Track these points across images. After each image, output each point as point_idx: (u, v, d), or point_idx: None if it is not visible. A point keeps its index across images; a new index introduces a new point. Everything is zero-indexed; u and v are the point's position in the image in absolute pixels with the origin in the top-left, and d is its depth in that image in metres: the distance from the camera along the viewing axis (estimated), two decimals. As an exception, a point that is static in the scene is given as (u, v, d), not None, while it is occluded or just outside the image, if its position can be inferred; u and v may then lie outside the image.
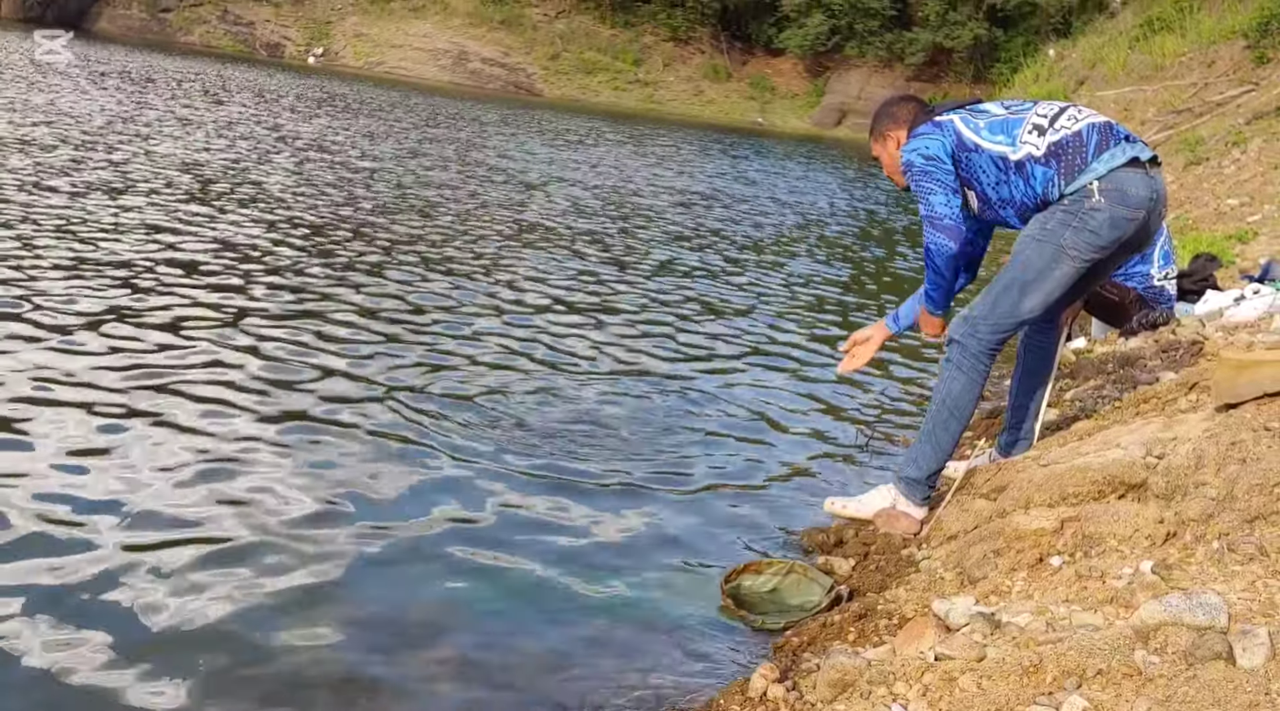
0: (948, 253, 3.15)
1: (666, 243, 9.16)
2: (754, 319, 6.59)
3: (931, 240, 3.16)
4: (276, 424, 3.70)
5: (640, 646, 2.58)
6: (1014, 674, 1.86)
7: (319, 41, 43.31)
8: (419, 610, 2.64)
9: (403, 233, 7.77)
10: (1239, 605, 1.91)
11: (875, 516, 3.24)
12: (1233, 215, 8.67)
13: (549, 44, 44.80)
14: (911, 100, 3.38)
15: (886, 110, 3.37)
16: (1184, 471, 2.51)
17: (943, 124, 3.17)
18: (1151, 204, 3.00)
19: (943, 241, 3.13)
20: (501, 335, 5.28)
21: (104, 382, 3.85)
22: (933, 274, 3.23)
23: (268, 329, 4.81)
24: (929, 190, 3.13)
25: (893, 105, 3.37)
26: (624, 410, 4.39)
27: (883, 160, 3.37)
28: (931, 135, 3.15)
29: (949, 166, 3.12)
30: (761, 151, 25.19)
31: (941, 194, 3.11)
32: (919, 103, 3.36)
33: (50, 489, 2.98)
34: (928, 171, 3.13)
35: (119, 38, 37.02)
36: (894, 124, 3.31)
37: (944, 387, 3.14)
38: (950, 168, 3.12)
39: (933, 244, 3.16)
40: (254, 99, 18.75)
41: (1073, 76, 23.96)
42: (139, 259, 5.77)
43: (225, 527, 2.90)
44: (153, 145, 10.51)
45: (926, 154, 3.13)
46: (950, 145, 3.13)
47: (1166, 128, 14.49)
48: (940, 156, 3.12)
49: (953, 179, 3.13)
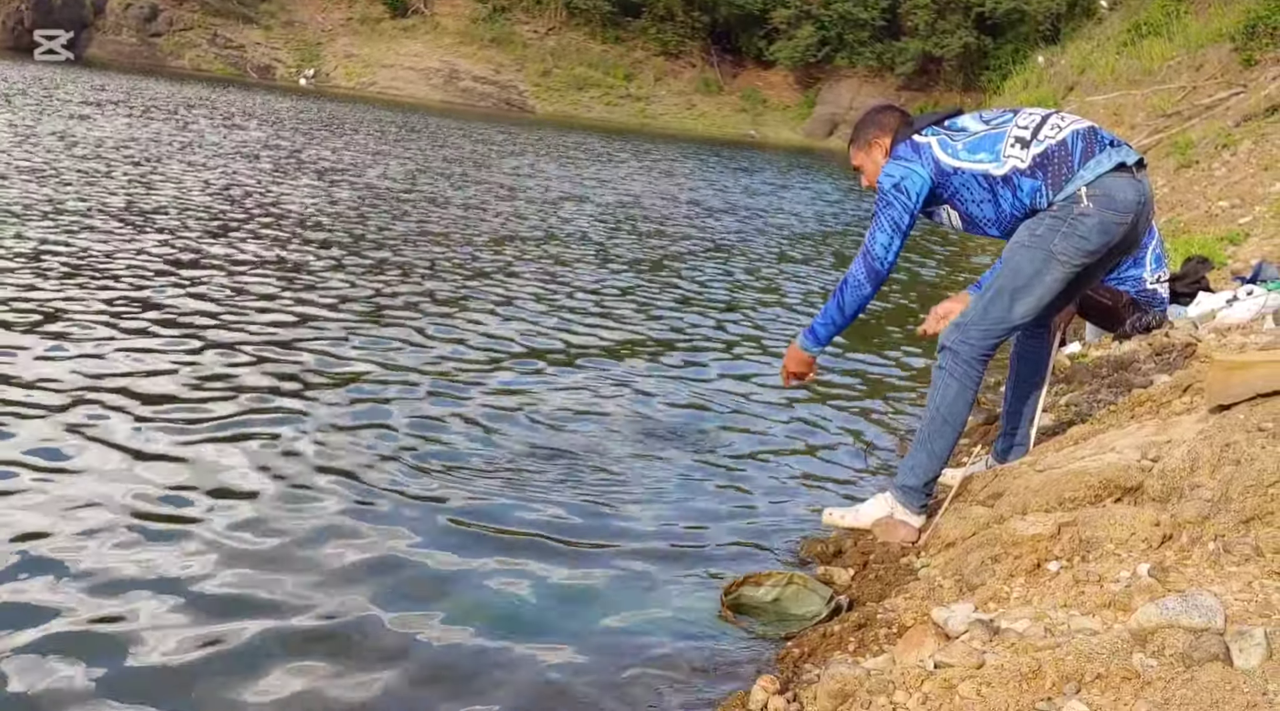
0: (862, 293, 3.17)
1: (696, 254, 9.19)
2: (749, 329, 6.60)
3: (854, 272, 3.16)
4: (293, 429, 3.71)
5: (640, 659, 2.57)
6: (1013, 680, 1.86)
7: (310, 63, 43.43)
8: (414, 625, 2.63)
9: (438, 252, 7.79)
10: (1236, 606, 1.92)
11: (873, 525, 3.24)
12: (1224, 217, 8.70)
13: (540, 61, 44.97)
14: (896, 110, 3.35)
15: (872, 118, 3.34)
16: (1179, 474, 2.51)
17: (920, 148, 3.14)
18: (1139, 207, 3.01)
19: (863, 281, 3.15)
20: (513, 337, 5.30)
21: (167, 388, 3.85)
22: (834, 309, 3.23)
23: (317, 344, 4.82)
24: (879, 224, 3.14)
25: (879, 113, 3.35)
26: (620, 421, 4.39)
27: (865, 169, 3.32)
28: (911, 162, 3.13)
29: (912, 207, 3.11)
30: (761, 164, 25.27)
31: (886, 233, 3.12)
32: (903, 114, 3.33)
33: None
34: (889, 203, 3.13)
35: (110, 63, 37.05)
36: (880, 131, 3.26)
37: (937, 395, 3.14)
38: (913, 208, 3.11)
39: (852, 277, 3.17)
40: (265, 123, 18.79)
41: (1062, 82, 24.10)
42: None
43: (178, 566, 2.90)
44: (198, 172, 10.56)
45: (898, 184, 3.12)
46: (929, 174, 3.12)
47: (1156, 131, 14.56)
48: (910, 191, 3.11)
49: (908, 222, 3.12)
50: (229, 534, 3.00)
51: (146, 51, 40.77)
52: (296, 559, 2.91)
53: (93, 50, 39.40)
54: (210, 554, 2.88)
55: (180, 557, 2.84)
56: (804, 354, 3.37)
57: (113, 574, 2.71)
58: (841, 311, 3.23)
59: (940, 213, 3.24)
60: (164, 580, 2.71)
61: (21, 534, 2.86)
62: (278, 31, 44.37)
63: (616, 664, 2.55)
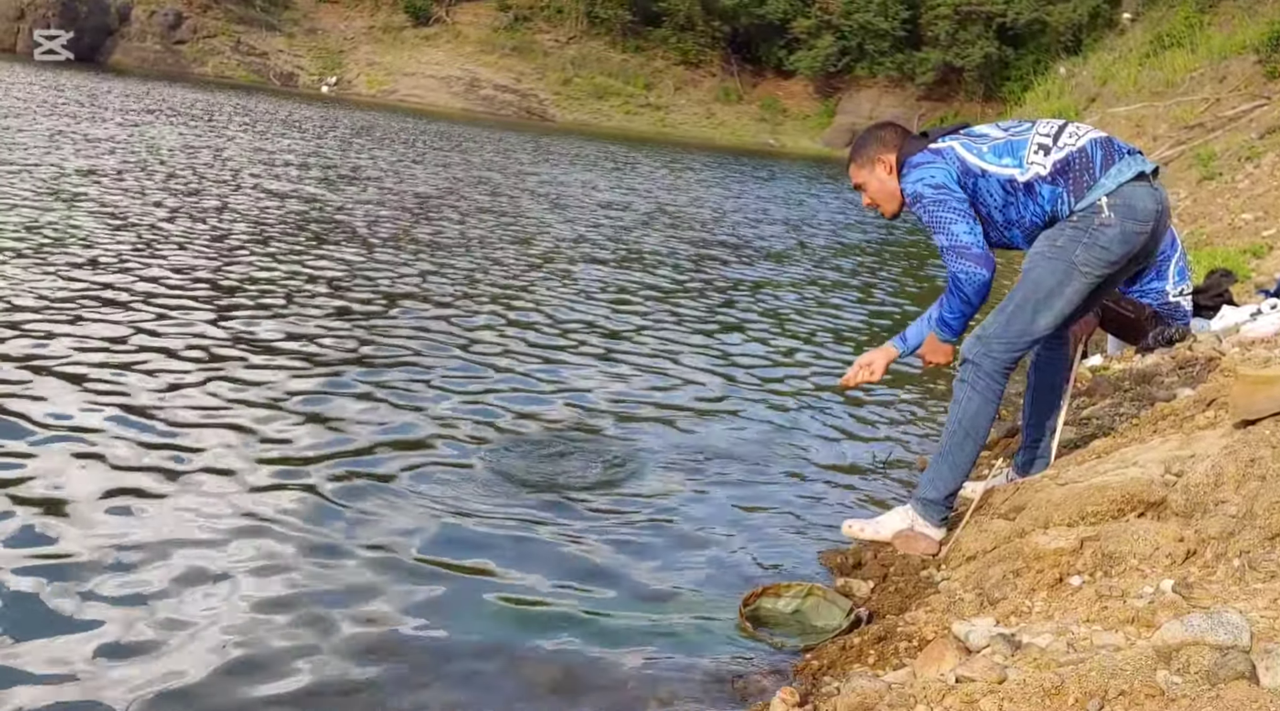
0: (980, 280, 3.07)
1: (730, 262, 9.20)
2: (769, 340, 6.60)
3: (960, 269, 3.07)
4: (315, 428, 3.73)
5: (659, 670, 2.57)
6: (1036, 696, 1.84)
7: (332, 71, 43.75)
8: (425, 632, 2.64)
9: (493, 256, 7.84)
10: (1261, 623, 1.90)
11: (893, 538, 3.22)
12: (1247, 230, 8.64)
13: (560, 69, 45.16)
14: (895, 126, 3.34)
15: (873, 135, 3.32)
16: (1203, 489, 2.50)
17: (943, 151, 3.13)
18: (1158, 216, 3.00)
19: (974, 269, 3.06)
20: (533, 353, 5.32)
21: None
22: (960, 302, 3.14)
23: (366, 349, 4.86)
24: (948, 220, 3.07)
25: (879, 130, 3.33)
26: (639, 431, 4.40)
27: (868, 186, 3.29)
28: (934, 164, 3.11)
29: (960, 193, 3.09)
30: (784, 173, 25.28)
31: (963, 222, 3.06)
32: (904, 129, 3.33)
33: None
34: (941, 200, 3.08)
35: (133, 69, 37.42)
36: (883, 148, 3.24)
37: (959, 408, 3.13)
38: (962, 194, 3.09)
39: (962, 273, 3.08)
40: (302, 132, 18.96)
41: (1084, 94, 23.99)
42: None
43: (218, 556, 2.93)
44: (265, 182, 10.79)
45: (934, 183, 3.09)
46: (955, 172, 3.10)
47: (1179, 143, 14.49)
48: (948, 184, 3.08)
49: (968, 206, 3.08)
50: (280, 519, 3.04)
51: (170, 58, 41.12)
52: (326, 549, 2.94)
53: (117, 57, 39.77)
54: (269, 541, 2.92)
55: (253, 554, 2.88)
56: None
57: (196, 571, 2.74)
58: (970, 304, 3.12)
59: None
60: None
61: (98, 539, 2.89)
62: (300, 39, 44.73)
63: (632, 674, 2.54)
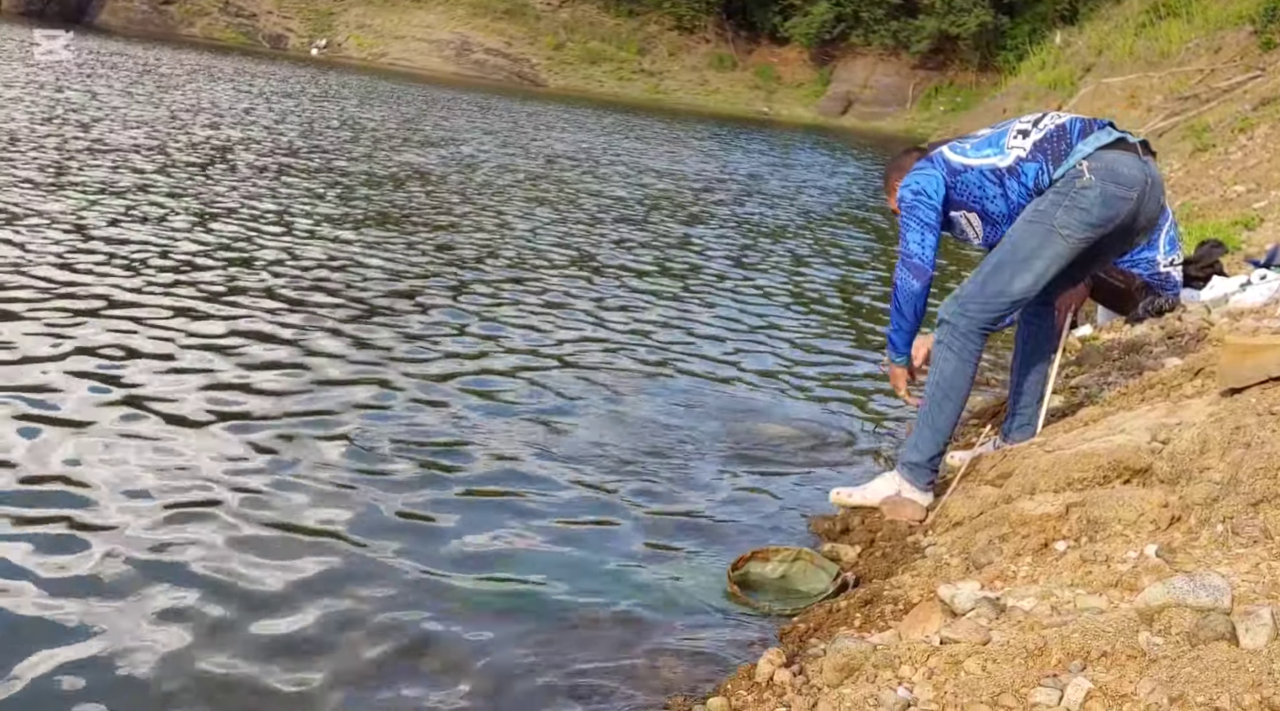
0: (909, 289, 3.21)
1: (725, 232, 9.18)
2: (760, 309, 6.60)
3: (898, 276, 3.24)
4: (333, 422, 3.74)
5: (648, 634, 2.59)
6: (1019, 656, 1.87)
7: (322, 33, 43.33)
8: (422, 606, 2.65)
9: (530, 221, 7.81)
10: (1243, 587, 1.92)
11: (881, 503, 3.25)
12: (1239, 201, 8.64)
13: (552, 34, 44.79)
14: (915, 151, 3.48)
15: (896, 163, 3.48)
16: (1189, 456, 2.51)
17: (933, 157, 3.28)
18: (1145, 186, 3.01)
19: (907, 278, 3.21)
20: (504, 319, 5.31)
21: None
22: (895, 314, 3.29)
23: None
24: (907, 226, 3.22)
25: (902, 157, 3.49)
26: (629, 400, 4.41)
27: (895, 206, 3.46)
28: (923, 170, 3.25)
29: (934, 203, 3.20)
30: (780, 141, 25.18)
31: (916, 231, 3.20)
32: (922, 151, 3.45)
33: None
34: (912, 207, 3.22)
35: (120, 30, 37.03)
36: (899, 173, 3.39)
37: (936, 370, 3.16)
38: (935, 204, 3.20)
39: (898, 280, 3.23)
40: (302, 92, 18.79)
41: (1079, 63, 23.91)
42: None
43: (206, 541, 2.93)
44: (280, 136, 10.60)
45: (915, 188, 3.22)
46: (941, 175, 3.22)
47: (1173, 114, 14.46)
48: (927, 191, 3.20)
49: (934, 217, 3.20)
50: (305, 513, 3.04)
51: (158, 19, 40.70)
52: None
53: (104, 17, 39.34)
54: (281, 533, 2.93)
55: (278, 551, 2.88)
56: (898, 367, 3.43)
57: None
58: (903, 315, 3.28)
59: (960, 221, 3.29)
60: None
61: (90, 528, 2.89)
62: (290, 1, 44.22)
63: (622, 638, 2.57)
